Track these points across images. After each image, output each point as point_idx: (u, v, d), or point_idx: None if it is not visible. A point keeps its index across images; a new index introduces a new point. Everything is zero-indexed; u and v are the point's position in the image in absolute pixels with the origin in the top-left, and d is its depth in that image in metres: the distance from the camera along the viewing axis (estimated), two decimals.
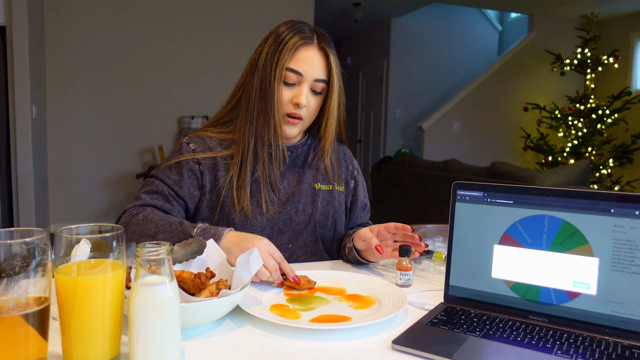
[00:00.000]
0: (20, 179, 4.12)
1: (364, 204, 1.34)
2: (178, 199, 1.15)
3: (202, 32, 5.12)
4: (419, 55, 7.27)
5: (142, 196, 1.13)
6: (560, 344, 0.73)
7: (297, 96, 1.13)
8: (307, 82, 1.14)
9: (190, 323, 0.76)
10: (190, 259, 0.87)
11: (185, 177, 1.14)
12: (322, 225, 1.22)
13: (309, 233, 1.20)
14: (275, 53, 1.12)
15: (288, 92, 1.14)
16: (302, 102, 1.13)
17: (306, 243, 1.21)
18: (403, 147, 7.25)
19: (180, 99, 5.06)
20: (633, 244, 0.76)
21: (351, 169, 1.33)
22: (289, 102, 1.14)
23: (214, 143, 1.19)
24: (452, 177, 3.83)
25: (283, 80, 1.13)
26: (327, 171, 1.26)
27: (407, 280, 1.01)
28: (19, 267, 0.58)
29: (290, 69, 1.12)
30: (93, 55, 4.81)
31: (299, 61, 1.12)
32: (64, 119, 4.79)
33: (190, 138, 1.20)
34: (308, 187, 1.22)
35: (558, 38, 6.93)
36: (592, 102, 6.21)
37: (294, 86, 1.14)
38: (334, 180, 1.26)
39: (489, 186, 0.89)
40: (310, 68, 1.13)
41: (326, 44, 1.16)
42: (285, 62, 1.11)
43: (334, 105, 1.19)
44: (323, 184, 1.24)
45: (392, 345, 0.73)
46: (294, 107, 1.14)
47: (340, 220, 1.26)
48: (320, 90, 1.16)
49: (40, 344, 0.61)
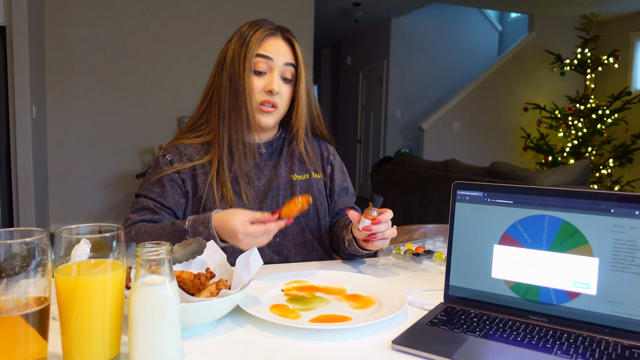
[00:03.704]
0: (20, 179, 4.12)
1: (343, 187, 1.34)
2: (165, 209, 1.17)
3: (202, 32, 5.12)
4: (419, 55, 7.28)
5: (130, 216, 1.16)
6: (560, 344, 0.73)
7: (270, 83, 1.16)
8: (277, 68, 1.16)
9: (190, 323, 0.76)
10: (190, 259, 0.87)
11: (167, 187, 1.16)
12: (304, 215, 1.23)
13: (294, 224, 1.22)
14: (242, 46, 1.15)
15: (260, 81, 1.16)
16: (274, 88, 1.15)
17: (293, 235, 1.22)
18: (403, 147, 7.25)
19: (180, 99, 5.06)
20: (633, 244, 0.76)
21: (326, 155, 1.33)
22: (262, 90, 1.16)
23: (190, 150, 1.20)
24: (452, 177, 3.83)
25: (253, 70, 1.15)
26: (303, 160, 1.27)
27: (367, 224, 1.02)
28: (19, 267, 0.58)
29: (259, 55, 1.15)
30: (93, 55, 4.81)
31: (267, 48, 1.16)
32: (64, 119, 4.79)
33: (165, 150, 1.21)
34: (285, 179, 1.24)
35: (558, 38, 6.93)
36: (592, 102, 6.21)
37: (264, 75, 1.17)
38: (310, 169, 1.28)
39: (489, 186, 0.89)
40: (279, 54, 1.17)
41: (290, 35, 1.21)
42: (254, 51, 1.14)
43: (303, 90, 1.21)
44: (299, 174, 1.26)
45: (392, 345, 0.73)
46: (267, 94, 1.16)
47: (322, 207, 1.27)
48: (290, 77, 1.19)
49: (40, 344, 0.61)
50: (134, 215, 1.15)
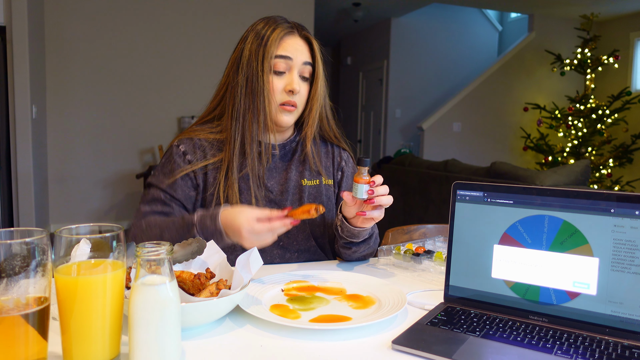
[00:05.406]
0: (20, 179, 4.12)
1: None
2: (175, 200, 1.16)
3: (202, 32, 5.12)
4: (419, 55, 7.28)
5: (142, 208, 1.16)
6: (560, 344, 0.73)
7: (290, 83, 1.14)
8: (296, 67, 1.15)
9: (190, 323, 0.76)
10: (190, 259, 0.87)
11: (178, 180, 1.16)
12: (311, 222, 1.22)
13: (300, 230, 1.20)
14: (260, 47, 1.13)
15: (279, 81, 1.14)
16: (295, 87, 1.13)
17: (298, 241, 1.21)
18: (403, 147, 7.25)
19: (180, 99, 5.06)
20: (633, 244, 0.76)
21: (338, 161, 1.30)
22: (282, 90, 1.14)
23: (205, 144, 1.18)
24: (452, 177, 3.83)
25: (273, 70, 1.14)
26: (313, 164, 1.24)
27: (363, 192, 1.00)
28: (19, 267, 0.58)
29: (279, 56, 1.13)
30: (93, 55, 4.81)
31: (286, 47, 1.14)
32: (64, 119, 4.79)
33: (180, 140, 1.19)
34: (295, 184, 1.22)
35: (558, 38, 6.93)
36: (592, 102, 6.21)
37: (284, 74, 1.15)
38: (324, 173, 1.26)
39: (489, 186, 0.89)
40: (297, 52, 1.15)
41: (307, 32, 1.19)
42: (273, 52, 1.13)
43: (320, 90, 1.19)
44: (310, 180, 1.23)
45: (392, 345, 0.73)
46: (288, 94, 1.15)
47: (330, 215, 1.25)
48: (308, 76, 1.18)
49: (40, 344, 0.61)
50: (146, 207, 1.15)
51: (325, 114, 1.26)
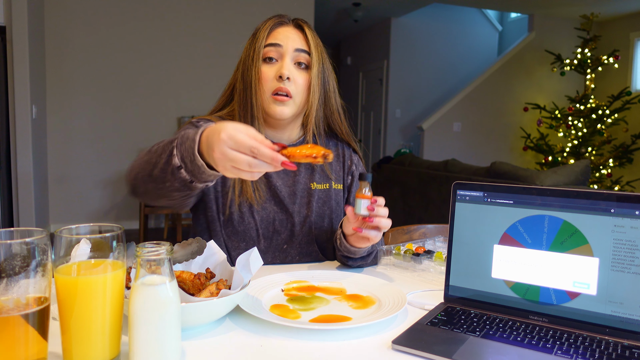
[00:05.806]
0: (20, 179, 4.12)
1: None
2: None
3: (202, 32, 5.12)
4: (419, 55, 7.28)
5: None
6: (560, 344, 0.73)
7: (280, 68, 1.09)
8: (288, 54, 1.10)
9: (190, 323, 0.76)
10: (190, 259, 0.87)
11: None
12: (317, 227, 1.19)
13: (305, 234, 1.18)
14: (253, 41, 1.12)
15: (270, 69, 1.10)
16: (284, 72, 1.07)
17: (301, 244, 1.18)
18: (403, 147, 7.25)
19: (180, 99, 5.06)
20: (633, 244, 0.76)
21: (349, 165, 1.27)
22: (272, 78, 1.09)
23: None
24: (452, 177, 3.83)
25: (263, 58, 1.10)
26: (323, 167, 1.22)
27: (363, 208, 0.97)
28: (19, 267, 0.58)
29: (269, 44, 1.10)
30: (93, 55, 4.81)
31: (276, 36, 1.11)
32: (64, 119, 4.79)
33: (198, 120, 1.14)
34: (303, 187, 1.19)
35: (558, 38, 6.94)
36: (592, 102, 6.21)
37: (275, 62, 1.10)
38: (333, 177, 1.23)
39: (489, 186, 0.89)
40: (288, 40, 1.10)
41: (302, 21, 1.15)
42: (263, 42, 1.10)
43: (316, 78, 1.12)
44: (319, 183, 1.21)
45: (392, 345, 0.72)
46: (279, 80, 1.09)
47: (337, 220, 1.22)
48: (304, 62, 1.12)
49: (40, 344, 0.61)
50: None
51: (337, 108, 1.21)
